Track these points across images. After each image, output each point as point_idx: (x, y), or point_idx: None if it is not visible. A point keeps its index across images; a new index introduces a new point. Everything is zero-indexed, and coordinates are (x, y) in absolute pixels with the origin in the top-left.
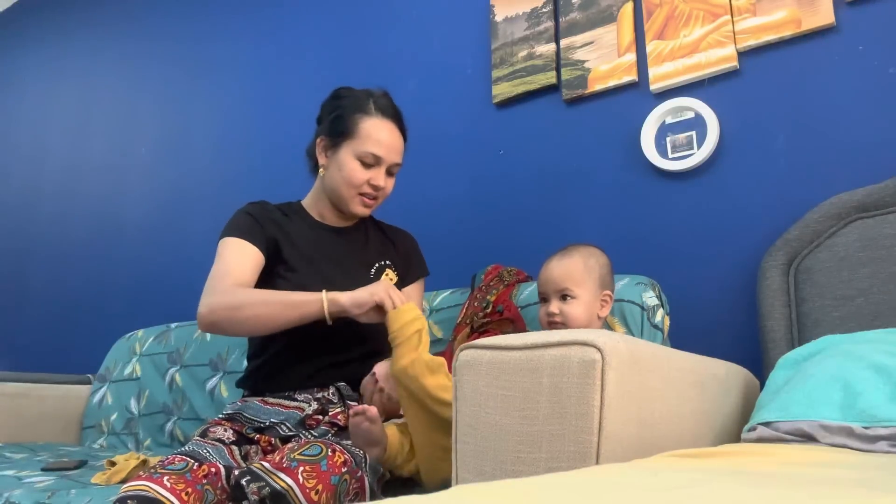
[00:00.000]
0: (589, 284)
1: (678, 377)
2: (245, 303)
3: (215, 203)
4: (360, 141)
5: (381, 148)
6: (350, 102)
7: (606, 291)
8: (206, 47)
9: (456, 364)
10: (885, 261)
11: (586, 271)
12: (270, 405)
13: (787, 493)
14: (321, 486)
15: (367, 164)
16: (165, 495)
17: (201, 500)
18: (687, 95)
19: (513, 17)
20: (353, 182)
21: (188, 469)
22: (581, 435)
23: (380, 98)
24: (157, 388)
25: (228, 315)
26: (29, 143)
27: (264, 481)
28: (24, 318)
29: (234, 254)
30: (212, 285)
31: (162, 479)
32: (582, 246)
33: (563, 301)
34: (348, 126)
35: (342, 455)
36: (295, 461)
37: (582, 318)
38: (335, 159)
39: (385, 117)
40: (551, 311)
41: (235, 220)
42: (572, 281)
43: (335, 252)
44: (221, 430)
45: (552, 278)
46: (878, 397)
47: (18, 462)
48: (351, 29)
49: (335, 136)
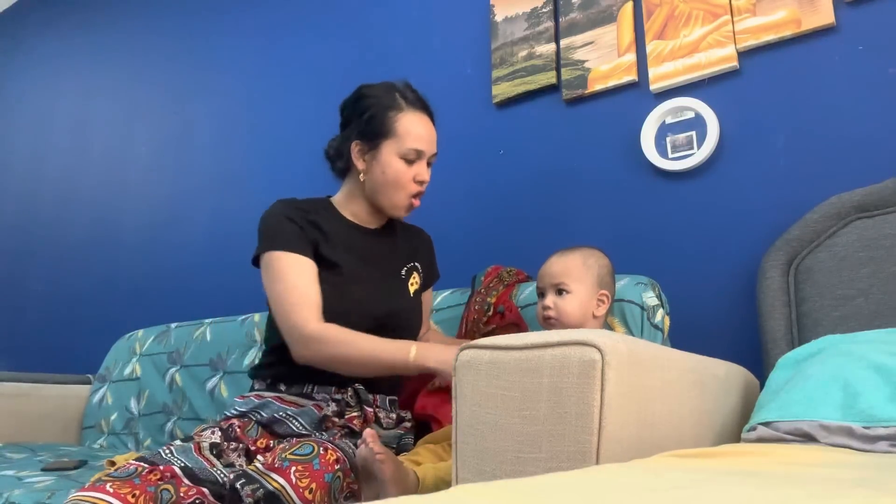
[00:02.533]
0: (586, 281)
1: (678, 377)
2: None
3: (215, 203)
4: (400, 139)
5: (421, 142)
6: (379, 101)
7: (604, 291)
8: (205, 47)
9: (456, 364)
10: (885, 261)
11: (584, 268)
12: (287, 403)
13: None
14: (314, 484)
15: (409, 161)
16: (108, 500)
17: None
18: (687, 95)
19: (513, 17)
20: (400, 183)
21: (136, 474)
22: (581, 435)
23: (406, 91)
24: (157, 388)
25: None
26: (29, 143)
27: (258, 483)
28: (24, 318)
29: (296, 273)
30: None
31: (104, 486)
32: (585, 247)
33: (558, 296)
34: (385, 126)
35: (334, 453)
36: (287, 461)
37: (575, 314)
38: (377, 162)
39: (417, 109)
40: (546, 304)
41: (279, 229)
42: (568, 276)
43: (370, 253)
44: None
45: (550, 272)
46: (878, 397)
47: (18, 462)
48: (351, 28)
49: (372, 139)
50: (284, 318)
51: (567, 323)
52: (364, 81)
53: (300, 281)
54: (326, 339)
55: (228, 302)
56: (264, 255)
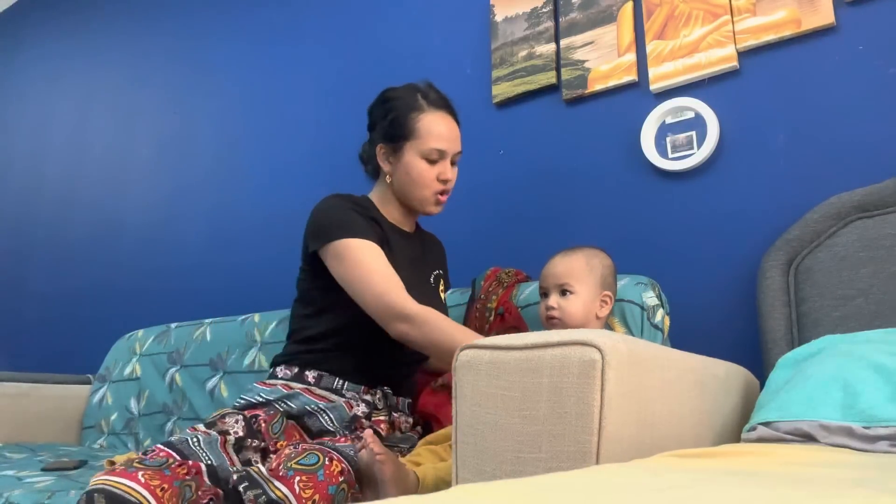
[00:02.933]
0: (589, 282)
1: (678, 377)
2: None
3: (216, 203)
4: (421, 140)
5: (443, 142)
6: (401, 103)
7: (607, 292)
8: (206, 47)
9: (456, 364)
10: (885, 261)
11: (588, 269)
12: (317, 397)
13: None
14: (318, 496)
15: (432, 161)
16: (139, 490)
17: (178, 496)
18: (687, 95)
19: (513, 17)
20: (424, 182)
21: (167, 465)
22: (581, 435)
23: (429, 91)
24: (157, 388)
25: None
26: (29, 143)
27: (261, 489)
28: (24, 318)
29: (375, 257)
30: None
31: (136, 474)
32: (588, 247)
33: (562, 296)
34: (406, 127)
35: (339, 464)
36: (291, 470)
37: (579, 315)
38: (400, 163)
39: (439, 109)
40: (550, 304)
41: (348, 218)
42: (573, 277)
43: (411, 256)
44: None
45: (554, 273)
46: (878, 397)
47: (18, 462)
48: (352, 29)
49: (395, 141)
50: (378, 298)
51: (571, 324)
52: (364, 82)
53: (381, 264)
54: (428, 321)
55: (228, 302)
56: (335, 242)
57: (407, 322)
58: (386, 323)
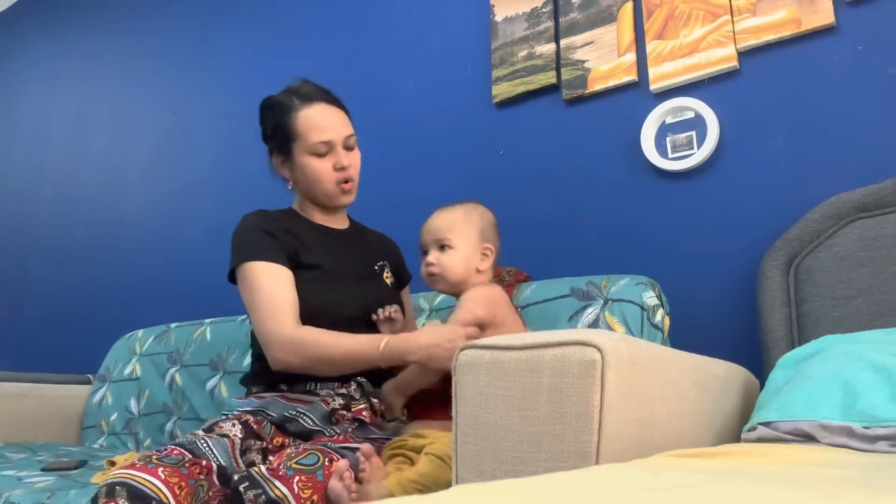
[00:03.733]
0: (469, 235)
1: (678, 377)
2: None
3: (215, 203)
4: (304, 137)
5: (324, 132)
6: (277, 109)
7: (488, 245)
8: (205, 47)
9: (456, 364)
10: (885, 261)
11: (467, 222)
12: (292, 400)
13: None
14: (316, 496)
15: (322, 155)
16: (160, 487)
17: (192, 496)
18: (687, 95)
19: (513, 17)
20: (321, 177)
21: (183, 463)
22: (581, 435)
23: (300, 88)
24: (157, 388)
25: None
26: (29, 143)
27: (261, 489)
28: (24, 318)
29: (271, 281)
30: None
31: (157, 470)
32: (467, 201)
33: (441, 251)
34: (288, 130)
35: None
36: (291, 470)
37: (459, 269)
38: (295, 167)
39: (313, 102)
40: (429, 260)
41: (251, 239)
42: (451, 231)
43: (344, 252)
44: (230, 426)
45: (431, 228)
46: (878, 397)
47: (18, 462)
48: (351, 29)
49: (283, 147)
50: (261, 325)
51: (450, 278)
52: (364, 82)
53: (275, 288)
54: (303, 341)
55: (228, 302)
56: (239, 267)
57: (278, 348)
58: (266, 352)
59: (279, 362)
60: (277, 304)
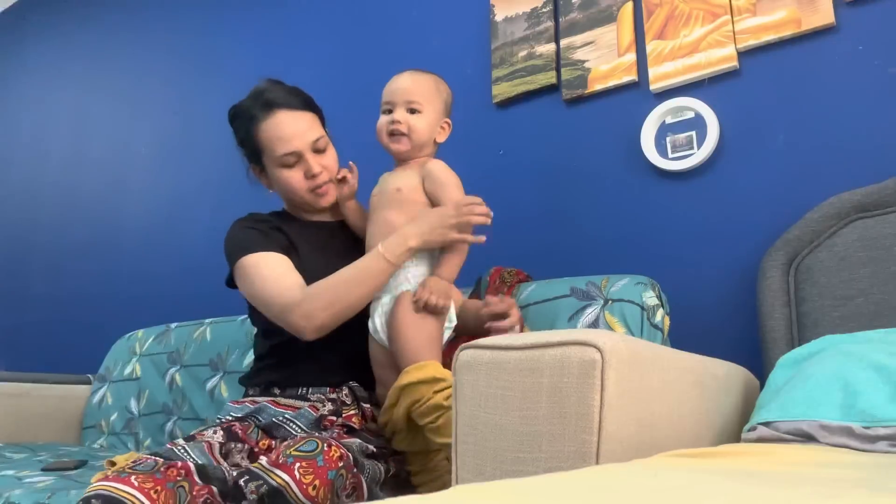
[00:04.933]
0: (436, 104)
1: (678, 377)
2: (334, 298)
3: (216, 203)
4: (270, 150)
5: (287, 143)
6: (242, 121)
7: (447, 119)
8: (206, 47)
9: (456, 364)
10: (885, 261)
11: (437, 92)
12: (283, 407)
13: (787, 493)
14: (318, 481)
15: (290, 165)
16: (133, 493)
17: (174, 498)
18: (687, 95)
19: (513, 17)
20: (293, 187)
21: (157, 468)
22: (581, 435)
23: (262, 94)
24: (157, 388)
25: (330, 315)
26: (29, 142)
27: (262, 479)
28: (25, 318)
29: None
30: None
31: (129, 478)
32: (430, 72)
33: (409, 114)
34: (254, 145)
35: (338, 450)
36: (291, 457)
37: (425, 134)
38: (270, 177)
39: (272, 110)
40: (396, 118)
41: (243, 238)
42: (422, 95)
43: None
44: (210, 433)
45: (402, 88)
46: (879, 397)
47: (18, 462)
48: (351, 29)
49: (255, 159)
50: (272, 307)
51: (416, 140)
52: (364, 82)
53: (276, 271)
54: (313, 295)
55: (228, 302)
56: (235, 265)
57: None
58: (288, 325)
59: (306, 328)
60: (281, 282)
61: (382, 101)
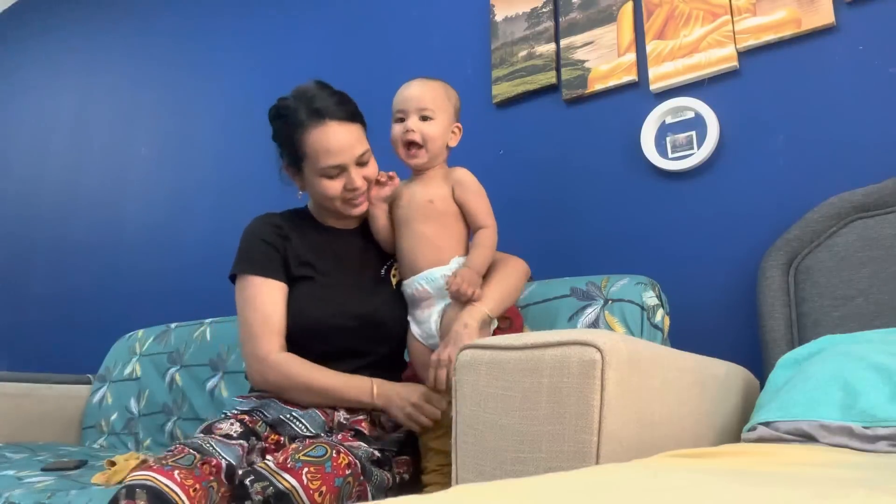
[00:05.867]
0: (447, 111)
1: (678, 377)
2: (295, 386)
3: (216, 203)
4: (314, 159)
5: (334, 157)
6: (287, 122)
7: (458, 124)
8: (206, 47)
9: (456, 364)
10: (885, 261)
11: (447, 98)
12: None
13: (788, 493)
14: (325, 487)
15: (332, 176)
16: (176, 491)
17: (206, 498)
18: (687, 95)
19: (513, 17)
20: (330, 196)
21: (195, 464)
22: (581, 435)
23: (312, 98)
24: (157, 388)
25: (278, 389)
26: (29, 142)
27: (268, 481)
28: (24, 318)
29: (263, 296)
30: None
31: (172, 473)
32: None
33: (422, 121)
34: (297, 150)
35: (346, 457)
36: (300, 462)
37: (439, 141)
38: (306, 181)
39: (322, 120)
40: (410, 127)
41: (251, 251)
42: (433, 102)
43: (347, 256)
44: (227, 425)
45: (415, 96)
46: (879, 397)
47: (18, 462)
48: (351, 29)
49: (294, 163)
50: (248, 343)
51: (432, 149)
52: (364, 82)
53: (268, 307)
54: (288, 373)
55: (228, 302)
56: (238, 276)
57: (261, 371)
58: (248, 372)
59: (260, 383)
60: (267, 325)
61: (394, 111)
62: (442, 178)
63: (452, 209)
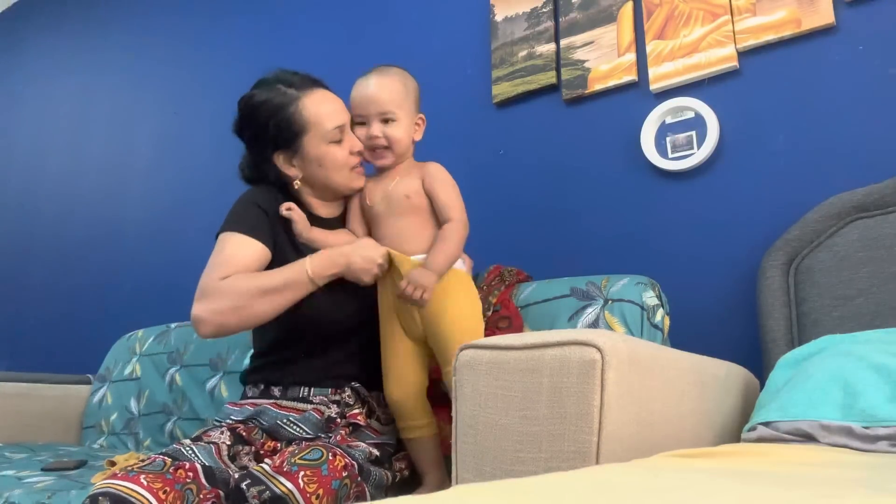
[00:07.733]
0: (408, 108)
1: (678, 377)
2: (242, 303)
3: (215, 203)
4: (318, 126)
5: (336, 117)
6: (272, 105)
7: (420, 114)
8: (206, 47)
9: (456, 364)
10: (885, 261)
11: (406, 93)
12: (285, 409)
13: (787, 493)
14: (322, 490)
15: (338, 141)
16: (142, 493)
17: (181, 500)
18: (687, 95)
19: (513, 16)
20: (340, 164)
21: (166, 469)
22: (581, 435)
23: (288, 77)
24: (157, 388)
25: (236, 319)
26: (29, 143)
27: (265, 485)
28: (24, 318)
29: (232, 248)
30: (204, 282)
31: (138, 477)
32: (393, 66)
33: (384, 124)
34: (294, 124)
35: (343, 459)
36: (296, 465)
37: (404, 142)
38: (308, 159)
39: (311, 88)
40: (374, 133)
41: (241, 213)
42: (394, 103)
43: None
44: (218, 434)
45: (374, 99)
46: (878, 397)
47: (18, 462)
48: (352, 29)
49: (291, 143)
50: (200, 280)
51: (398, 151)
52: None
53: (237, 254)
54: (225, 291)
55: None
56: (220, 235)
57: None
58: (194, 305)
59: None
60: (225, 262)
61: (353, 112)
62: (414, 172)
63: (425, 202)
